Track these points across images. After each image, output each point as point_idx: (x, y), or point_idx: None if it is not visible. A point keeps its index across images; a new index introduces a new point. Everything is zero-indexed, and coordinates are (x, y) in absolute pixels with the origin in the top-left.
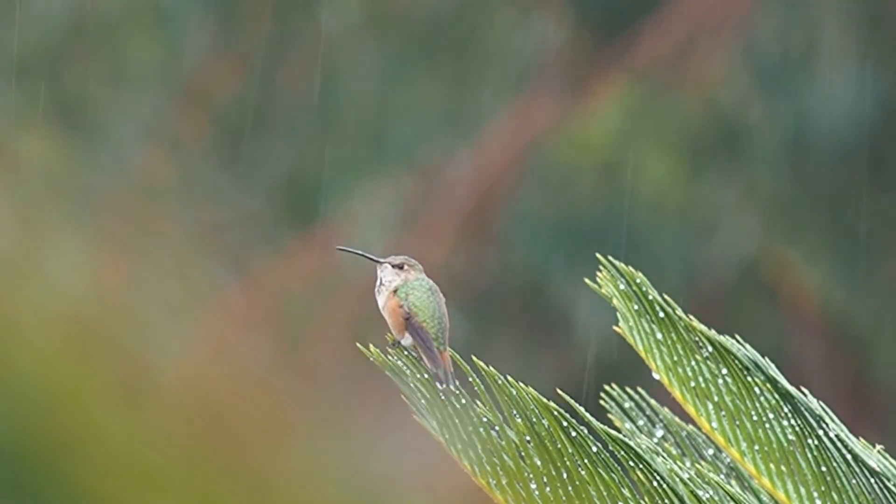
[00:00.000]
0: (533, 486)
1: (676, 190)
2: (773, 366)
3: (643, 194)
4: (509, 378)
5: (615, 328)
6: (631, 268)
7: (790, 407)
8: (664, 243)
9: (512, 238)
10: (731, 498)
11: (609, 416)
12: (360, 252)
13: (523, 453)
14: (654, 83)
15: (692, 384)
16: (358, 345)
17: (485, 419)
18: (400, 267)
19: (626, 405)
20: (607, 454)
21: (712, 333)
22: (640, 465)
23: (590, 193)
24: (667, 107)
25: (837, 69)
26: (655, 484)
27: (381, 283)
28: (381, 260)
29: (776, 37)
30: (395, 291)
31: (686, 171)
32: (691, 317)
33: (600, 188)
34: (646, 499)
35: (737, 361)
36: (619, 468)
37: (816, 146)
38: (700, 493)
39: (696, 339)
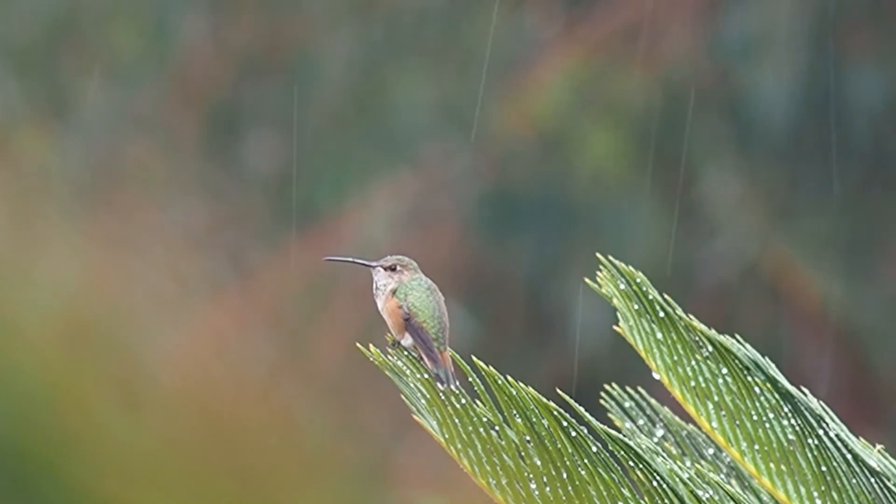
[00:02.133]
0: (533, 485)
1: (675, 189)
2: (773, 365)
3: (642, 193)
4: (509, 378)
5: (615, 328)
6: (631, 267)
7: (790, 406)
8: (664, 242)
9: (511, 234)
10: (731, 498)
11: (609, 415)
12: (349, 259)
13: (523, 453)
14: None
15: (692, 384)
16: (358, 345)
17: (485, 419)
18: (392, 269)
19: (627, 405)
20: (607, 454)
21: (712, 333)
22: (640, 465)
23: (587, 192)
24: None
25: (815, 53)
26: (655, 484)
27: (376, 286)
28: (373, 264)
29: (737, 17)
30: (393, 292)
31: (687, 171)
32: (691, 316)
33: (594, 186)
34: (646, 499)
35: (737, 361)
36: (618, 468)
37: (806, 138)
38: (700, 492)
39: (697, 338)
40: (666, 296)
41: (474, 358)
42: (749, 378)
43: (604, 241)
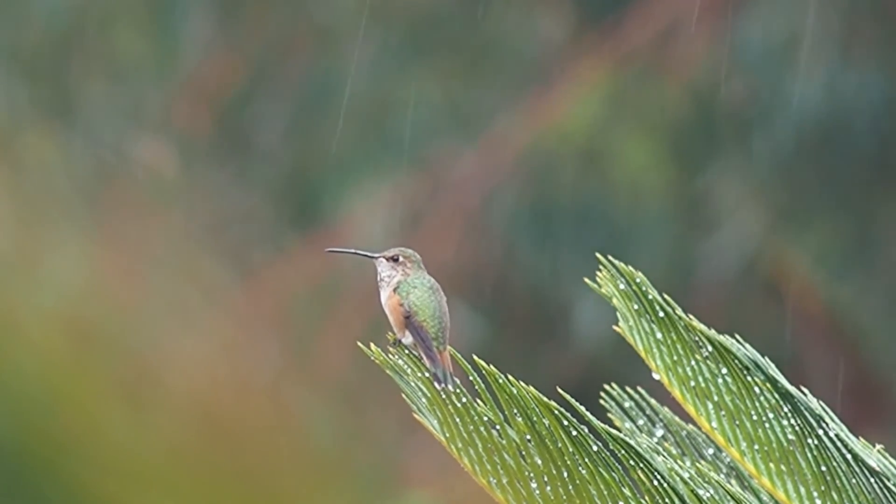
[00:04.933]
0: (533, 485)
1: (677, 186)
2: (772, 365)
3: (644, 190)
4: (510, 377)
5: (615, 328)
6: (631, 267)
7: (790, 406)
8: (666, 240)
9: (515, 236)
10: (731, 497)
11: (609, 415)
12: (351, 251)
13: (524, 452)
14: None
15: (692, 384)
16: (359, 344)
17: (485, 418)
18: (395, 259)
19: (627, 404)
20: (608, 453)
21: (712, 333)
22: (641, 465)
23: (591, 190)
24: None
25: (826, 59)
26: (656, 483)
27: (380, 278)
28: (375, 255)
29: (762, 24)
30: (395, 289)
31: (687, 169)
32: (691, 316)
33: (599, 184)
34: (646, 498)
35: (737, 361)
36: (619, 467)
37: (810, 139)
38: (700, 492)
39: (696, 338)
40: (665, 295)
41: (475, 357)
42: (749, 378)
43: (606, 242)
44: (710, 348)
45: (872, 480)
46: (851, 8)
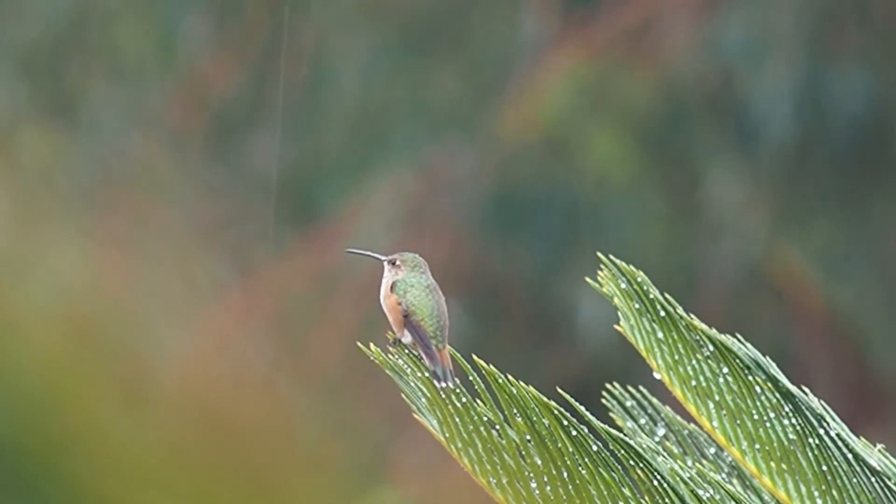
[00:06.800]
0: (533, 485)
1: (677, 187)
2: (773, 365)
3: (646, 195)
4: (509, 377)
5: (616, 327)
6: (632, 266)
7: (791, 406)
8: (663, 243)
9: (513, 235)
10: (732, 497)
11: (611, 415)
12: (367, 253)
13: (524, 452)
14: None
15: (693, 383)
16: (359, 344)
17: (485, 418)
18: (392, 263)
19: (628, 404)
20: (608, 453)
21: (713, 332)
22: (641, 464)
23: (591, 193)
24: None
25: (814, 58)
26: (656, 483)
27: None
28: (382, 258)
29: (739, 18)
30: (392, 288)
31: (691, 173)
32: (692, 315)
33: (597, 188)
34: (646, 498)
35: (738, 360)
36: (619, 467)
37: (804, 139)
38: (701, 492)
39: (697, 337)
40: (667, 295)
41: (475, 357)
42: (750, 377)
43: (607, 242)
44: (711, 347)
45: (873, 480)
46: (840, 4)
